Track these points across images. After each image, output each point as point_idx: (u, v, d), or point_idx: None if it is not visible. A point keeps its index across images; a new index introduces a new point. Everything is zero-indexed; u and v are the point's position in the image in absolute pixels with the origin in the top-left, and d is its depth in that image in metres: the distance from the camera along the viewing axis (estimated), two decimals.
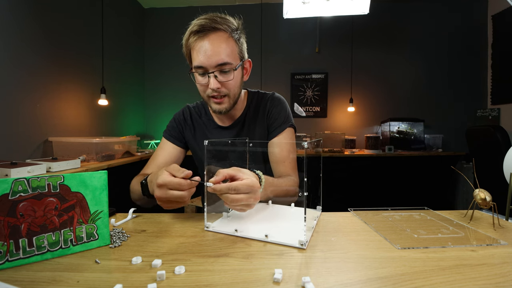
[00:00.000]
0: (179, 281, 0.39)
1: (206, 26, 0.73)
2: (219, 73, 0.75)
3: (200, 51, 0.73)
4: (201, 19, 0.74)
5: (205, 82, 0.77)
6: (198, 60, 0.74)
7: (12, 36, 1.67)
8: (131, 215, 0.69)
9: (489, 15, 3.18)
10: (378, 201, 2.76)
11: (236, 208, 0.58)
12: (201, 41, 0.74)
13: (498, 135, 1.93)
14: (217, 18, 0.75)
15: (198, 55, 0.74)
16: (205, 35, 0.73)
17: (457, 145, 3.20)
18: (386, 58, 3.33)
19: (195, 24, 0.74)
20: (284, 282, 0.39)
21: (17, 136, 1.71)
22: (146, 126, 3.52)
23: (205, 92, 0.79)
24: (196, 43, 0.74)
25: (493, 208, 0.63)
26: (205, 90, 0.79)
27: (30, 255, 0.45)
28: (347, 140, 3.12)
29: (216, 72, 0.75)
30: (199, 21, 0.74)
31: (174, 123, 0.96)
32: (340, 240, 0.54)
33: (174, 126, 0.95)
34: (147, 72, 3.48)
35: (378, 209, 0.75)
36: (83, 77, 2.33)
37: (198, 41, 0.74)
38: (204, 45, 0.73)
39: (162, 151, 0.93)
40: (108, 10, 2.62)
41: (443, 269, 0.43)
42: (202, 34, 0.73)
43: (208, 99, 0.81)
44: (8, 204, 0.43)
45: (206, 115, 0.95)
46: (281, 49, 3.37)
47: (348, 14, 1.18)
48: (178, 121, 0.96)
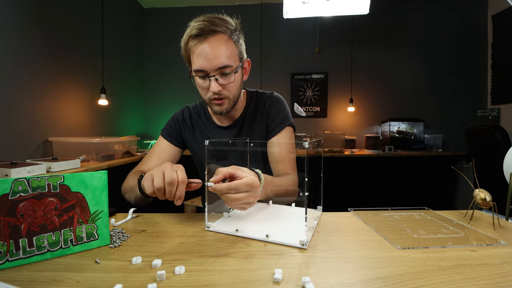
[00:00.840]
0: (179, 281, 0.39)
1: (205, 29, 0.73)
2: (219, 76, 0.75)
3: (200, 55, 0.73)
4: (199, 22, 0.74)
5: (205, 85, 0.77)
6: (199, 64, 0.74)
7: (12, 36, 1.67)
8: (131, 215, 0.69)
9: (489, 15, 3.18)
10: (378, 201, 2.76)
11: (237, 207, 0.58)
12: (201, 44, 0.73)
13: (498, 135, 1.92)
14: (215, 20, 0.74)
15: (198, 59, 0.74)
16: (205, 39, 0.73)
17: (457, 145, 3.20)
18: (386, 58, 3.33)
19: (194, 27, 0.73)
20: (284, 282, 0.39)
21: (17, 136, 1.71)
22: (146, 126, 3.52)
23: (206, 95, 0.79)
24: (196, 47, 0.74)
25: (493, 208, 0.63)
26: (206, 93, 0.79)
27: (30, 255, 0.45)
28: (347, 140, 3.12)
29: (217, 75, 0.75)
30: (197, 23, 0.74)
31: (173, 123, 0.96)
32: (340, 240, 0.54)
33: (173, 125, 0.95)
34: (147, 72, 3.48)
35: (378, 209, 0.75)
36: (83, 77, 2.33)
37: (198, 44, 0.73)
38: (204, 48, 0.73)
39: (159, 149, 0.93)
40: (108, 10, 2.62)
41: (443, 269, 0.43)
42: (201, 37, 0.73)
43: (209, 102, 0.81)
44: (8, 204, 0.43)
45: (205, 115, 0.96)
46: (281, 49, 3.37)
47: (348, 14, 1.18)
48: (177, 121, 0.96)
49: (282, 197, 0.76)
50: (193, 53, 0.75)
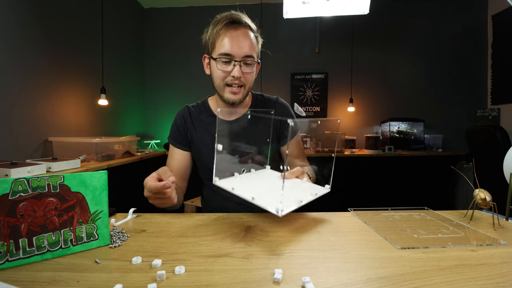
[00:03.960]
0: (179, 281, 0.39)
1: (239, 21, 0.81)
2: (243, 64, 0.82)
3: (232, 40, 0.80)
4: (232, 13, 0.82)
5: (227, 69, 0.82)
6: (228, 48, 0.79)
7: (12, 36, 1.67)
8: (131, 215, 0.69)
9: (489, 15, 3.17)
10: (378, 201, 2.76)
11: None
12: (234, 31, 0.80)
13: (498, 135, 1.92)
14: (245, 17, 0.83)
15: (228, 43, 0.79)
16: (238, 28, 0.81)
17: (457, 145, 3.20)
18: (386, 58, 3.33)
19: (228, 16, 0.81)
20: (284, 282, 0.39)
21: (17, 136, 1.71)
22: (146, 126, 3.51)
23: (224, 79, 0.83)
24: (229, 33, 0.80)
25: (493, 208, 0.63)
26: (225, 77, 0.83)
27: (30, 255, 0.45)
28: (347, 140, 3.12)
29: (241, 62, 0.81)
30: (230, 14, 0.81)
31: (176, 128, 0.95)
32: (340, 240, 0.54)
33: (176, 130, 0.95)
34: (147, 72, 3.48)
35: (378, 209, 0.75)
36: (83, 77, 2.33)
37: (231, 31, 0.80)
38: (236, 35, 0.80)
39: (172, 159, 0.95)
40: (108, 10, 2.62)
41: (443, 269, 0.43)
42: (236, 25, 0.81)
43: (224, 87, 0.85)
44: (8, 204, 0.43)
45: (207, 111, 0.96)
46: (281, 49, 3.37)
47: (348, 14, 1.18)
48: (179, 124, 0.95)
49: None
50: (223, 37, 0.80)
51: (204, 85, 3.36)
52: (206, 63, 0.89)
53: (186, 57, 3.38)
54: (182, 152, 0.94)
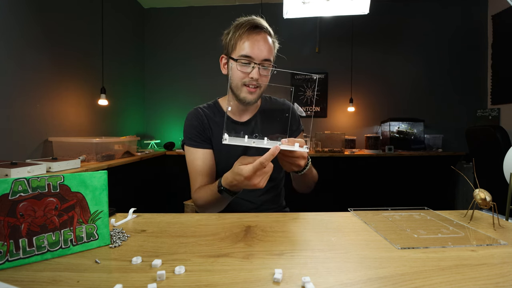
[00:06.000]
0: (179, 281, 0.39)
1: (261, 26, 0.87)
2: (261, 67, 0.87)
3: (254, 43, 0.85)
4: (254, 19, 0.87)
5: (247, 71, 0.86)
6: (248, 50, 0.84)
7: (13, 36, 1.67)
8: (131, 215, 0.69)
9: (489, 15, 3.17)
10: (378, 201, 2.76)
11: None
12: (257, 35, 0.86)
13: (498, 135, 1.92)
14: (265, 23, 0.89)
15: (249, 46, 0.84)
16: (259, 32, 0.86)
17: (457, 145, 3.20)
18: (386, 58, 3.33)
19: (250, 22, 0.86)
20: (284, 282, 0.39)
21: (17, 136, 1.71)
22: (146, 126, 3.51)
23: (242, 79, 0.87)
24: (251, 36, 0.85)
25: (493, 208, 0.63)
26: (243, 77, 0.87)
27: (30, 255, 0.45)
28: (347, 140, 3.12)
29: (260, 65, 0.86)
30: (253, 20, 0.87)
31: (193, 129, 0.94)
32: (340, 240, 0.54)
33: (194, 131, 0.93)
34: (147, 72, 3.48)
35: (378, 209, 0.75)
36: (83, 77, 2.33)
37: (254, 35, 0.85)
38: (258, 39, 0.86)
39: (197, 161, 0.92)
40: (108, 10, 2.62)
41: (443, 269, 0.43)
42: (258, 30, 0.86)
43: (241, 87, 0.88)
44: (8, 204, 0.43)
45: (220, 113, 0.97)
46: (281, 49, 3.36)
47: (348, 14, 1.18)
48: (197, 124, 0.94)
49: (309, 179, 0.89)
50: (245, 40, 0.85)
51: (204, 85, 3.36)
52: (224, 63, 0.93)
53: (186, 57, 3.38)
54: (205, 150, 0.92)
